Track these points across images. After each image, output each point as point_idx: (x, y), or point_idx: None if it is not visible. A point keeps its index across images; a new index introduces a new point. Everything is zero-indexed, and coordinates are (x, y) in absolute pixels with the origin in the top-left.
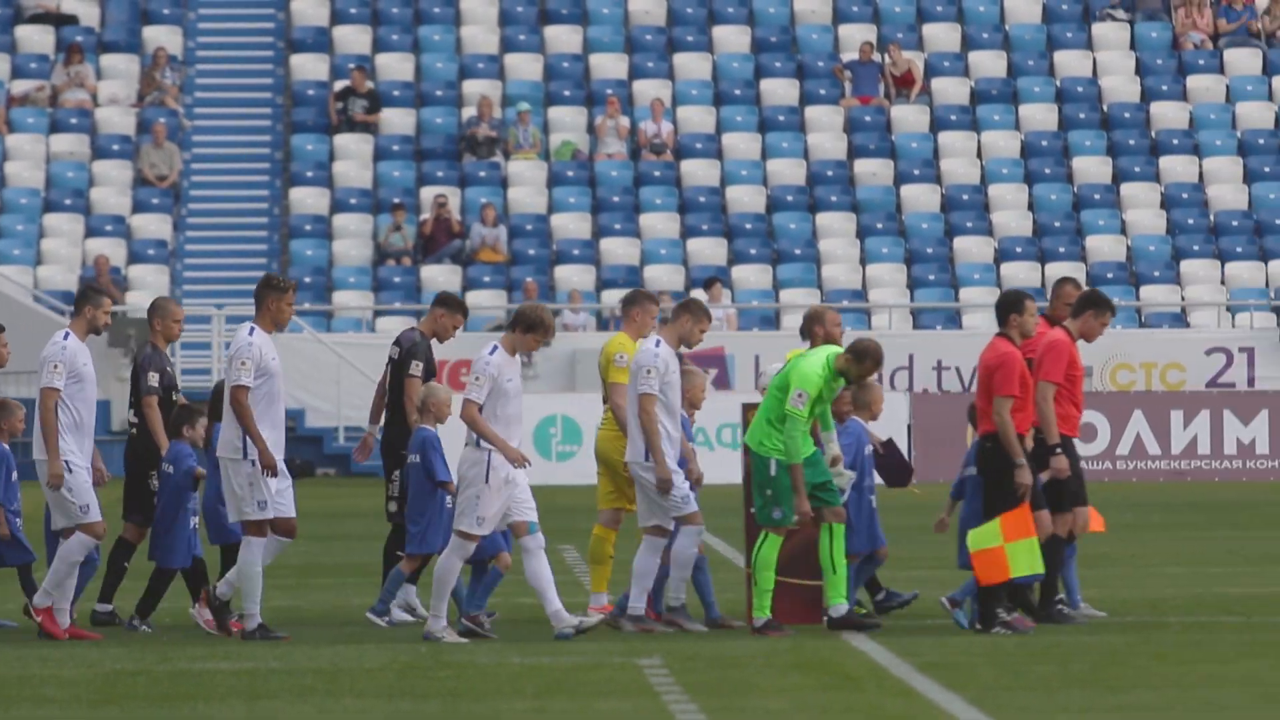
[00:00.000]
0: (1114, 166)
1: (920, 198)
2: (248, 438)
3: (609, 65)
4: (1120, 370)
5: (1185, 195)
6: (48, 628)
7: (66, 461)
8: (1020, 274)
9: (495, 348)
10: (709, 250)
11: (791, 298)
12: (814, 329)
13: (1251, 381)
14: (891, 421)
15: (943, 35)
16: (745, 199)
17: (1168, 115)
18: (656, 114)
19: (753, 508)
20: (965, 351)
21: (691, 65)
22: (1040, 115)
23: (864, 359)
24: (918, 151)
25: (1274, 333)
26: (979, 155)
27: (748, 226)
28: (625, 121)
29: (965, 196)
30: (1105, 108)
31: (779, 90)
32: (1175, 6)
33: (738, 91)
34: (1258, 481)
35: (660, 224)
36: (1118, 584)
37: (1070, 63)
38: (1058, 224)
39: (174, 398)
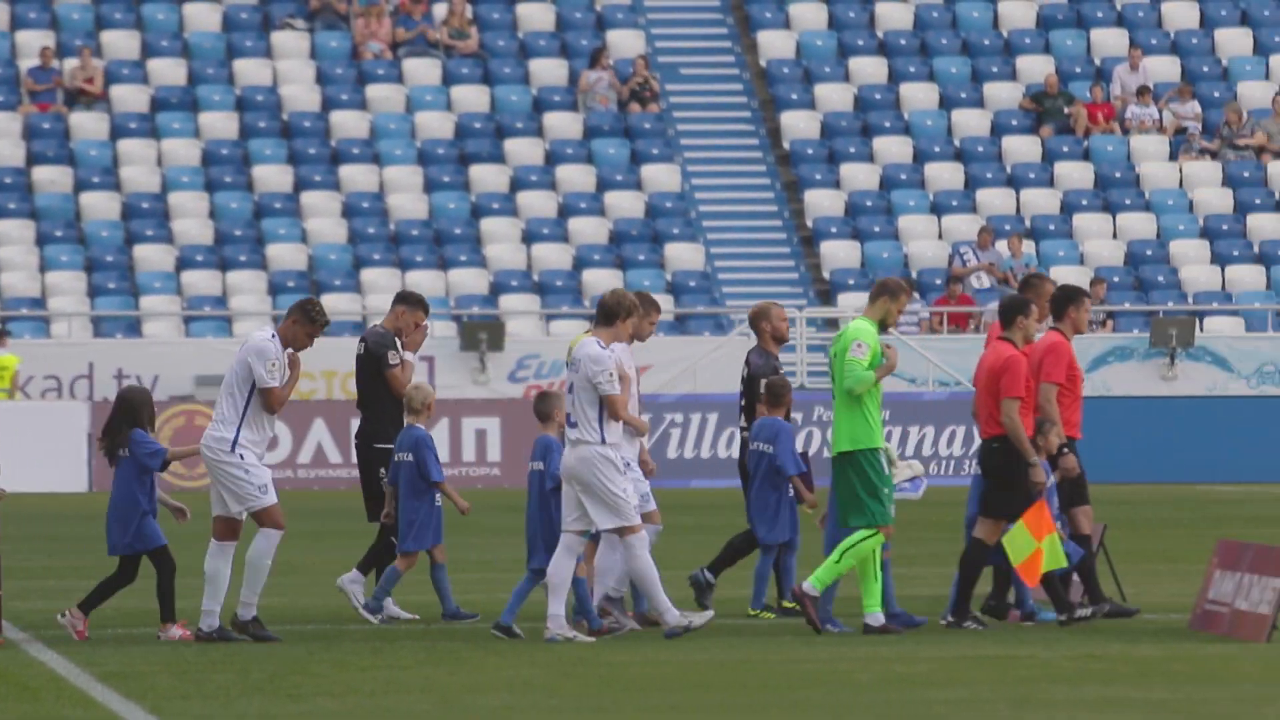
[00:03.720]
0: (295, 175)
1: (100, 205)
2: (240, 437)
3: None
4: (303, 379)
5: (366, 204)
6: None
7: None
8: (202, 282)
9: None
10: None
11: None
12: (760, 325)
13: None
14: (71, 430)
15: (122, 42)
16: None
17: (348, 124)
18: None
19: (846, 514)
20: (146, 360)
21: None
22: (220, 123)
23: (898, 294)
24: (97, 159)
25: (454, 341)
26: (159, 163)
27: None
28: None
29: (145, 204)
30: (285, 116)
31: None
32: (355, 16)
33: None
34: (492, 489)
35: None
36: (297, 592)
37: (250, 71)
38: (239, 232)
39: None
